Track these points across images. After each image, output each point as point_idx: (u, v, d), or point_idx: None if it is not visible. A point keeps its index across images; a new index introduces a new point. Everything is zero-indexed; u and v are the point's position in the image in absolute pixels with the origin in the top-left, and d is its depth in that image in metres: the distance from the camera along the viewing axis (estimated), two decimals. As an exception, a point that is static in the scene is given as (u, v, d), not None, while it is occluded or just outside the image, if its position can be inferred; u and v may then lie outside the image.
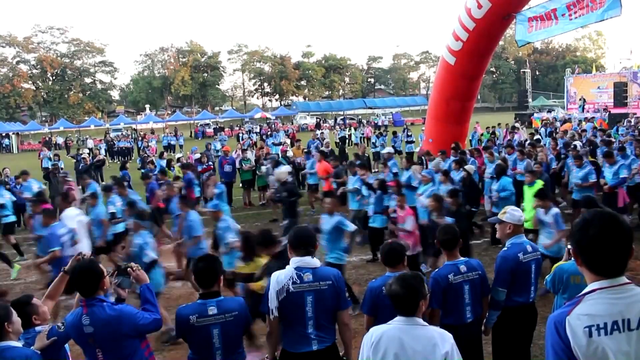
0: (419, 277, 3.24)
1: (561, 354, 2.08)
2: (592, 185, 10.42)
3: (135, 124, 59.87)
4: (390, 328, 3.06)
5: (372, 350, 3.02)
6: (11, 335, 3.48)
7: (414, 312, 3.07)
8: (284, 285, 3.80)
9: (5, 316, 3.48)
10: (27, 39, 75.70)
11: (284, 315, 3.85)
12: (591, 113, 38.47)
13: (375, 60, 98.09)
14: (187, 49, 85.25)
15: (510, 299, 4.58)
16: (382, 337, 3.02)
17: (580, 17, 11.93)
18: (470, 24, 12.99)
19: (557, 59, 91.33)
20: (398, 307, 3.11)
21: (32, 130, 56.61)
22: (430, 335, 3.02)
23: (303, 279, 3.83)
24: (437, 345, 2.96)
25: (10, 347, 3.41)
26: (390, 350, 2.98)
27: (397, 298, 3.10)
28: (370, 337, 3.07)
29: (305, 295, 3.82)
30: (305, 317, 3.84)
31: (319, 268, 3.92)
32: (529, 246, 4.66)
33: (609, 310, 2.07)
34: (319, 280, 3.85)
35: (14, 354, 3.38)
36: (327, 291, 3.87)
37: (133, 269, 4.01)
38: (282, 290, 3.80)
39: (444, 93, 14.61)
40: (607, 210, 2.28)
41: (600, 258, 2.12)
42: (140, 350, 3.82)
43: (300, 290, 3.81)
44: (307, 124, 58.45)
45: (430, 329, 3.10)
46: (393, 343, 2.98)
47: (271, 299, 3.81)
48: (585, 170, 10.46)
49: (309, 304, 3.83)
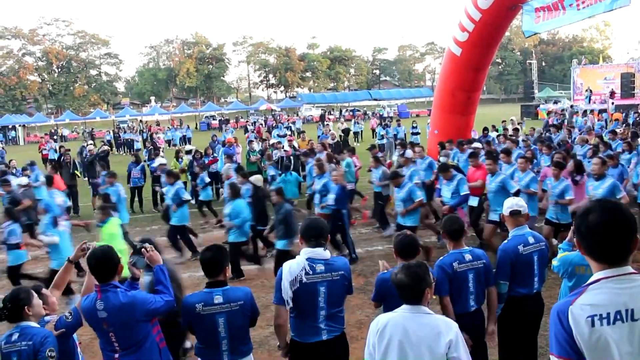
0: (424, 266, 3.26)
1: (564, 343, 2.09)
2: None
3: (141, 116, 59.91)
4: (396, 316, 3.09)
5: (377, 337, 3.06)
6: (31, 318, 3.78)
7: (420, 301, 3.09)
8: (296, 276, 3.82)
9: (27, 299, 3.78)
10: (32, 31, 75.77)
11: (297, 306, 3.88)
12: (597, 104, 38.28)
13: (380, 51, 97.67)
14: (192, 41, 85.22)
15: (514, 290, 4.60)
16: (387, 324, 3.05)
17: (589, 7, 11.77)
18: (476, 15, 12.91)
19: (564, 50, 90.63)
20: (403, 296, 3.13)
21: (38, 123, 56.74)
22: (435, 324, 3.04)
23: (316, 269, 3.85)
24: (442, 334, 2.98)
25: (29, 327, 3.71)
26: (395, 337, 3.00)
27: (403, 286, 3.12)
28: (376, 324, 3.11)
29: (318, 287, 3.85)
30: (317, 308, 3.88)
31: (330, 259, 3.95)
32: (532, 237, 4.65)
33: (613, 300, 2.06)
34: (331, 271, 3.89)
35: (34, 332, 3.67)
36: (339, 282, 3.92)
37: (147, 249, 4.05)
38: (295, 281, 3.82)
39: (450, 84, 14.55)
40: (609, 199, 2.29)
41: (600, 244, 2.13)
42: (152, 335, 3.91)
43: (313, 281, 3.84)
44: (312, 116, 58.30)
45: (435, 317, 3.12)
46: (398, 330, 3.01)
47: (285, 289, 3.82)
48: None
49: (322, 294, 3.86)
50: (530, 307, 4.66)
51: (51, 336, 3.67)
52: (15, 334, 3.65)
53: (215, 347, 3.91)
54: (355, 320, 6.84)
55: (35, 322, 3.77)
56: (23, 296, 3.78)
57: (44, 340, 3.60)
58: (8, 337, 3.66)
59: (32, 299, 3.80)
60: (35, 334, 3.64)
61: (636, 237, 2.14)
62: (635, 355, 2.03)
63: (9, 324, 3.78)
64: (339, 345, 4.00)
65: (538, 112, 41.58)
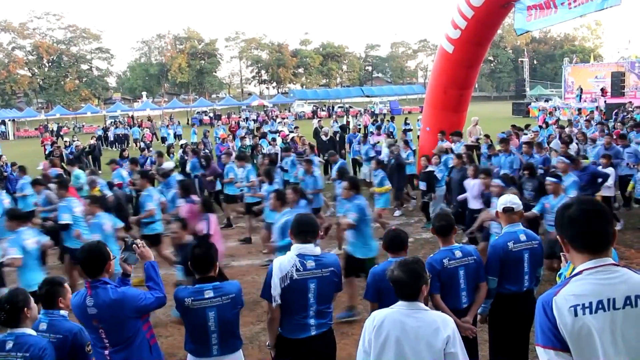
0: (420, 262, 3.26)
1: (548, 333, 2.14)
2: None
3: (132, 111, 59.51)
4: (393, 312, 3.08)
5: (374, 334, 3.03)
6: (27, 322, 3.53)
7: (416, 297, 3.09)
8: (287, 272, 3.82)
9: (25, 301, 3.53)
10: (22, 25, 75.10)
11: (286, 302, 3.88)
12: (588, 102, 38.46)
13: (373, 48, 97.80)
14: (184, 36, 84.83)
15: (503, 286, 4.63)
16: (384, 321, 3.04)
17: (580, 6, 11.81)
18: (469, 12, 12.93)
19: (555, 48, 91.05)
20: (400, 292, 3.13)
21: (28, 117, 56.17)
22: (432, 320, 3.04)
23: (306, 266, 3.86)
24: (439, 330, 2.98)
25: (25, 335, 3.45)
26: (392, 334, 2.99)
27: (399, 283, 3.12)
28: (372, 321, 3.08)
29: (309, 283, 3.86)
30: (308, 304, 3.89)
31: (320, 255, 3.95)
32: (524, 235, 4.68)
33: (595, 290, 2.12)
34: (321, 267, 3.89)
35: (31, 341, 3.41)
36: (329, 278, 3.93)
37: (139, 245, 4.03)
38: (286, 278, 3.82)
39: (442, 81, 14.58)
40: (586, 196, 2.37)
41: (582, 232, 2.21)
42: (142, 331, 3.88)
43: (303, 278, 3.84)
44: (304, 112, 58.15)
45: (432, 313, 3.13)
46: (395, 327, 3.00)
47: (274, 285, 3.83)
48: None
49: (312, 291, 3.87)
50: (520, 304, 4.67)
51: (49, 347, 3.44)
52: (10, 343, 3.38)
53: (205, 341, 3.91)
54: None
55: (30, 327, 3.54)
56: (22, 298, 3.54)
57: (42, 352, 3.36)
58: (1, 346, 3.38)
59: (30, 301, 3.56)
60: (32, 344, 3.38)
61: (614, 227, 2.25)
62: (617, 343, 2.08)
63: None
64: (327, 340, 4.03)
65: (529, 109, 41.72)
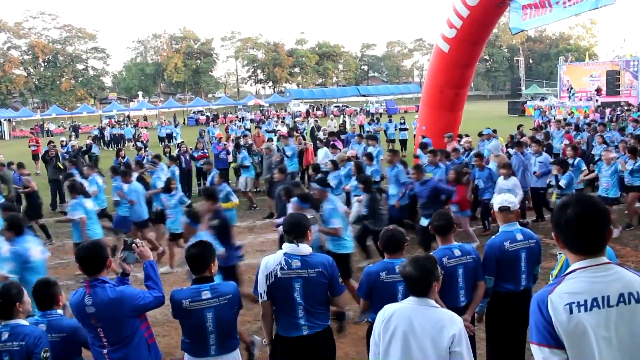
0: (432, 259, 3.30)
1: (543, 331, 2.16)
2: None
3: (128, 111, 59.42)
4: (402, 307, 3.12)
5: (382, 327, 3.08)
6: (20, 315, 3.70)
7: (426, 293, 3.12)
8: (272, 271, 3.85)
9: (18, 295, 3.70)
10: (18, 25, 74.85)
11: (274, 300, 3.91)
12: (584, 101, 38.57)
13: (368, 47, 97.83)
14: (180, 36, 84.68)
15: (500, 285, 4.67)
16: (393, 315, 3.08)
17: (575, 5, 11.86)
18: (465, 12, 12.96)
19: (551, 47, 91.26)
20: (411, 288, 3.16)
21: (24, 117, 56.05)
22: (440, 317, 3.07)
23: (291, 265, 3.86)
24: (445, 327, 3.01)
25: (19, 325, 3.63)
26: (399, 328, 3.03)
27: (410, 279, 3.15)
28: (383, 314, 3.13)
29: (293, 282, 3.85)
30: (295, 303, 3.88)
31: (308, 255, 3.92)
32: (520, 234, 4.70)
33: (589, 288, 2.14)
34: (307, 267, 3.87)
35: (26, 331, 3.59)
36: (316, 279, 3.88)
37: (138, 244, 4.03)
38: (271, 275, 3.85)
39: (438, 80, 14.60)
40: (584, 194, 2.37)
41: (578, 236, 2.21)
42: (140, 331, 3.89)
43: (288, 277, 3.85)
44: (300, 112, 58.13)
45: (441, 311, 3.15)
46: (403, 321, 3.04)
47: (260, 282, 3.88)
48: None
49: (297, 290, 3.85)
50: (517, 303, 4.68)
51: (44, 336, 3.61)
52: (5, 334, 3.57)
53: (202, 342, 3.92)
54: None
55: (24, 319, 3.70)
56: (15, 292, 3.69)
57: (37, 341, 3.53)
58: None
59: (22, 295, 3.73)
60: (27, 333, 3.57)
61: (610, 227, 2.25)
62: (611, 340, 2.10)
63: None
64: (322, 341, 3.99)
65: (525, 108, 41.83)
